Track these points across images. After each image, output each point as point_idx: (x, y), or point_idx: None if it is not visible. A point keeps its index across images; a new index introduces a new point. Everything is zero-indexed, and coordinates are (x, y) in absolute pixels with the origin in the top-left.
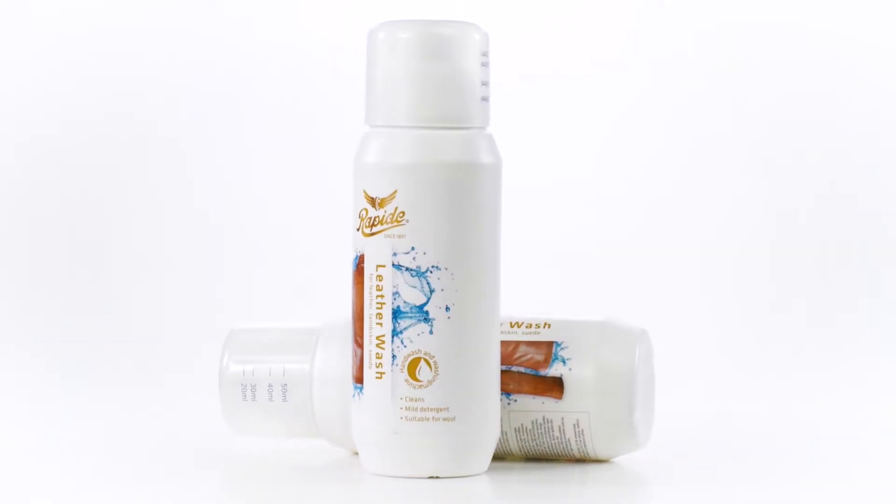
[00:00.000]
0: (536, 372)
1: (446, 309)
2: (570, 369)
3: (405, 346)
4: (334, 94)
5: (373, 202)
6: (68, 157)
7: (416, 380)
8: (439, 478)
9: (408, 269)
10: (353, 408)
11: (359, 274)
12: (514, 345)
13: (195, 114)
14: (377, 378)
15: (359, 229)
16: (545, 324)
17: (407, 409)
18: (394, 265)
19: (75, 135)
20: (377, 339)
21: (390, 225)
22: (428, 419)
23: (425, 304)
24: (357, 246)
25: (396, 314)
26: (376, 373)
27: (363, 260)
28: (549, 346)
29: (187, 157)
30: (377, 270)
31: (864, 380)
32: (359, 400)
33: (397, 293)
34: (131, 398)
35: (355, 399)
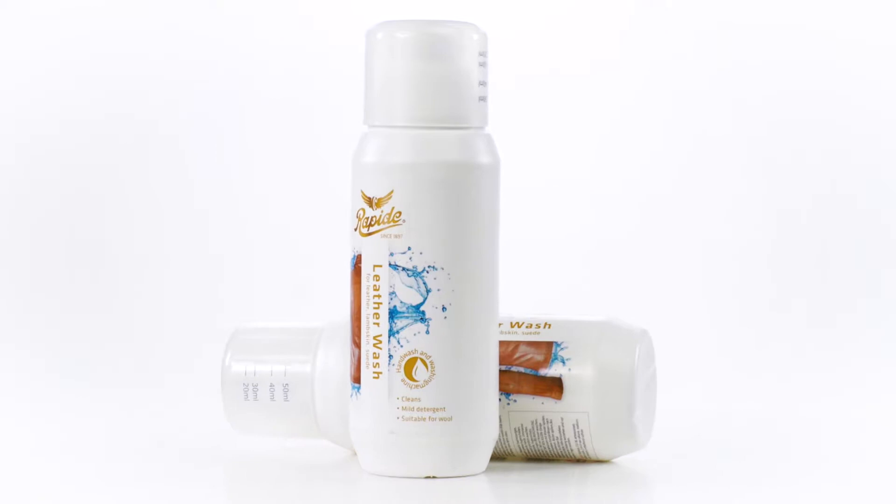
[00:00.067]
0: (536, 372)
1: (443, 309)
2: (570, 369)
3: (402, 346)
4: (334, 94)
5: (370, 202)
6: (68, 157)
7: (413, 380)
8: (436, 478)
9: (404, 268)
10: (350, 407)
11: (356, 274)
12: (514, 345)
13: (195, 114)
14: (374, 378)
15: (356, 229)
16: (546, 324)
17: (404, 408)
18: (390, 265)
19: (75, 135)
20: (374, 338)
21: (387, 225)
22: (425, 419)
23: (422, 303)
24: (355, 246)
25: (393, 314)
26: (373, 373)
27: (360, 260)
28: (548, 346)
29: (187, 157)
30: (374, 270)
31: (864, 380)
32: (356, 400)
33: (394, 293)
34: (131, 398)
35: (353, 399)
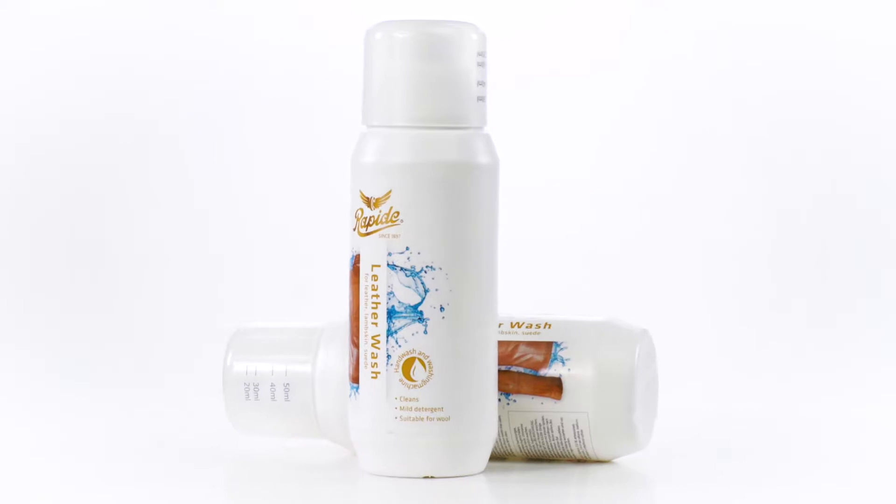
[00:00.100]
0: (536, 372)
1: (440, 309)
2: (570, 370)
3: (400, 346)
4: (333, 94)
5: (368, 202)
6: (68, 157)
7: (411, 379)
8: (434, 477)
9: (402, 268)
10: (349, 407)
11: (355, 274)
12: (514, 345)
13: (195, 114)
14: (372, 378)
15: (355, 229)
16: (546, 324)
17: (402, 408)
18: (388, 265)
19: (75, 135)
20: (372, 338)
21: (385, 225)
22: (423, 419)
23: (419, 303)
24: (353, 246)
25: (391, 314)
26: (371, 372)
27: (359, 260)
28: (548, 346)
29: (187, 157)
30: (372, 270)
31: (864, 380)
32: (355, 399)
33: (392, 293)
34: (131, 398)
35: (352, 398)
